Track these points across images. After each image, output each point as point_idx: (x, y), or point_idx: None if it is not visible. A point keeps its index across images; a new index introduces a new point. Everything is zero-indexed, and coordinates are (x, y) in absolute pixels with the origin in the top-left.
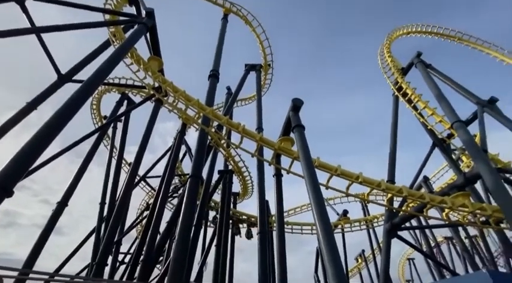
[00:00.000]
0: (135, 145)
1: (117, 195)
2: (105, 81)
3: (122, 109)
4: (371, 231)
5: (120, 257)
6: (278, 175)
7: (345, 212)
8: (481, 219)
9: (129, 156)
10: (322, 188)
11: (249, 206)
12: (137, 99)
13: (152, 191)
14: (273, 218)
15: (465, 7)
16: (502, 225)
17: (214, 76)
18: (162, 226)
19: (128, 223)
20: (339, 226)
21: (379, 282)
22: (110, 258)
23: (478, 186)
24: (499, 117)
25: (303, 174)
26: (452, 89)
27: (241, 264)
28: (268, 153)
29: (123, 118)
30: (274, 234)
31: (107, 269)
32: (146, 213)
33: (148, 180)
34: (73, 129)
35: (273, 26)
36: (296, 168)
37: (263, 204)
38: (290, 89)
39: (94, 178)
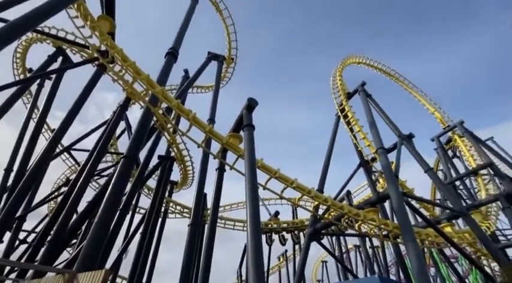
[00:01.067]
0: (64, 110)
1: (30, 163)
2: (39, 28)
3: (55, 66)
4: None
5: (22, 235)
6: (221, 170)
7: (276, 213)
8: (383, 233)
9: (54, 122)
10: (260, 188)
11: (183, 196)
12: (76, 58)
13: (76, 166)
14: (208, 212)
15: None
16: (398, 240)
17: (172, 54)
18: (82, 206)
19: (38, 198)
20: (269, 225)
21: (294, 280)
22: (8, 235)
23: (386, 204)
24: (412, 151)
25: (244, 172)
26: (383, 120)
27: (165, 253)
28: (215, 147)
29: (53, 76)
30: (206, 227)
31: (2, 247)
32: (64, 189)
33: (73, 152)
34: None
35: (241, 27)
36: (239, 166)
37: (200, 196)
38: (248, 88)
39: (2, 139)
